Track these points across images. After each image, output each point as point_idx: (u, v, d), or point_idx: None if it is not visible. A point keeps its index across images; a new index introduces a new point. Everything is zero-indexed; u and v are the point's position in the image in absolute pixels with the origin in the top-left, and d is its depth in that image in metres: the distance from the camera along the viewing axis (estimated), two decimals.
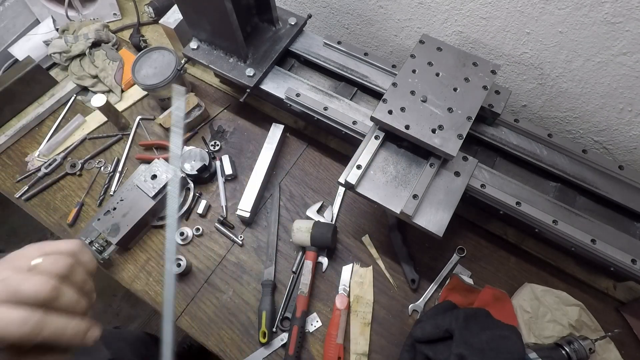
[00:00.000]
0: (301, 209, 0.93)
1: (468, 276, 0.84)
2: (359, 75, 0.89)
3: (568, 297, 0.77)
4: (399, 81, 0.75)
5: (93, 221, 0.86)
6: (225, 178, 0.96)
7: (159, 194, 0.88)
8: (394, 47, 1.05)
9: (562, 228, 0.72)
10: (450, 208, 0.71)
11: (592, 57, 0.76)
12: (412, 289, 0.84)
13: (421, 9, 0.89)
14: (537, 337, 0.73)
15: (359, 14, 1.02)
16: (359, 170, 0.73)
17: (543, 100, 0.91)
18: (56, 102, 1.08)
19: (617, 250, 0.70)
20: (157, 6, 1.15)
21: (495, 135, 0.82)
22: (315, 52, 0.93)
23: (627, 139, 0.85)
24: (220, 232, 0.92)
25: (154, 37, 1.18)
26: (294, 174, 0.97)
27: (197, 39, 0.94)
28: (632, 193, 0.75)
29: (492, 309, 0.72)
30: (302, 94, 0.87)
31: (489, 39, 0.86)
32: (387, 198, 0.72)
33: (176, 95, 0.58)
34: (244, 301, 0.85)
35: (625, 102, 0.79)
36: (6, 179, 1.00)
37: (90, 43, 1.08)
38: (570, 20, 0.72)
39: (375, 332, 0.81)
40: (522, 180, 0.80)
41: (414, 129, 0.70)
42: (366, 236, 0.89)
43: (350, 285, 0.84)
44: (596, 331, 0.76)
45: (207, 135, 1.02)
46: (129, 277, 0.88)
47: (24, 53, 1.11)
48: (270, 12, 0.90)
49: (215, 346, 0.81)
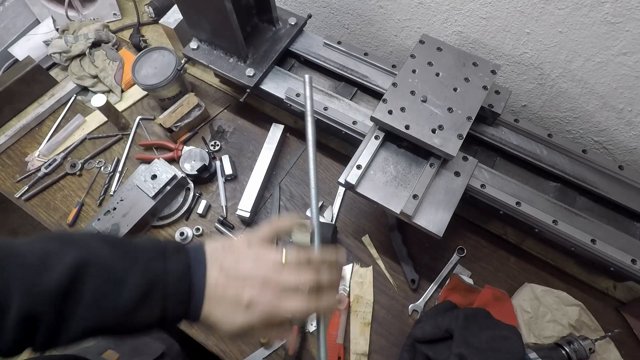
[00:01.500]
0: (301, 209, 0.93)
1: (468, 276, 0.84)
2: (359, 75, 0.89)
3: (568, 297, 0.77)
4: (399, 81, 0.75)
5: (93, 221, 0.86)
6: (225, 178, 0.96)
7: (159, 194, 0.88)
8: (394, 47, 1.05)
9: (562, 228, 0.72)
10: (450, 208, 0.71)
11: (592, 57, 0.76)
12: (412, 289, 0.84)
13: (421, 9, 0.89)
14: (537, 337, 0.73)
15: (359, 14, 1.02)
16: (359, 170, 0.73)
17: (543, 100, 0.91)
18: (56, 102, 1.08)
19: (617, 250, 0.70)
20: (157, 6, 1.15)
21: (495, 135, 0.82)
22: (315, 52, 0.93)
23: (627, 139, 0.85)
24: (221, 232, 0.92)
25: (154, 37, 1.18)
26: (294, 174, 0.97)
27: (197, 39, 0.94)
28: (632, 193, 0.75)
29: (492, 309, 0.72)
30: (302, 94, 0.87)
31: (489, 39, 0.86)
32: (387, 198, 0.72)
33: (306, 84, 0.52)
34: None
35: (625, 102, 0.79)
36: (6, 179, 1.00)
37: (90, 43, 1.08)
38: (570, 20, 0.72)
39: (375, 332, 0.81)
40: (522, 180, 0.80)
41: (414, 129, 0.70)
42: (366, 236, 0.89)
43: (350, 285, 0.84)
44: (596, 331, 0.76)
45: (207, 135, 1.02)
46: None
47: (24, 53, 1.11)
48: (270, 12, 0.90)
49: (215, 346, 0.81)
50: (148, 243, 0.42)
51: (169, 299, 0.39)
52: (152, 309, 0.38)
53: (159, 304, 0.39)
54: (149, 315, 0.38)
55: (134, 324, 0.39)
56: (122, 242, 0.42)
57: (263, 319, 0.40)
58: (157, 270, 0.39)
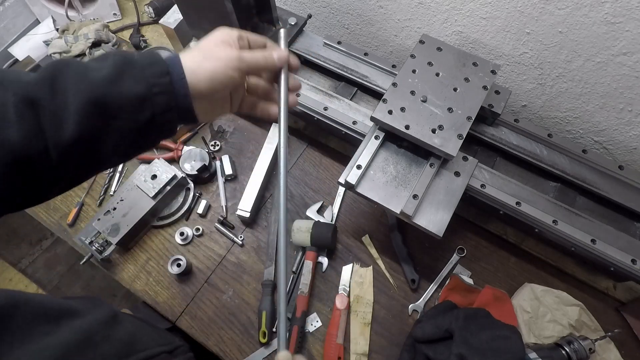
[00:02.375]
0: (301, 209, 0.93)
1: (468, 276, 0.84)
2: (359, 75, 0.89)
3: (568, 297, 0.77)
4: (399, 81, 0.75)
5: (93, 221, 0.86)
6: (225, 178, 0.96)
7: (159, 194, 0.88)
8: (394, 47, 1.05)
9: (562, 228, 0.72)
10: (450, 208, 0.71)
11: (592, 57, 0.76)
12: (412, 289, 0.84)
13: (421, 9, 0.89)
14: (537, 337, 0.73)
15: (359, 14, 1.02)
16: (359, 170, 0.73)
17: (543, 100, 0.91)
18: None
19: (617, 250, 0.70)
20: (157, 6, 1.15)
21: (495, 135, 0.82)
22: (315, 52, 0.93)
23: (627, 139, 0.85)
24: (221, 232, 0.92)
25: (154, 37, 1.17)
26: (294, 174, 0.97)
27: (197, 39, 0.94)
28: (632, 193, 0.75)
29: (492, 309, 0.72)
30: (302, 94, 0.87)
31: (489, 39, 0.86)
32: (387, 198, 0.72)
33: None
34: (244, 301, 0.85)
35: (625, 102, 0.79)
36: None
37: (90, 43, 1.08)
38: (570, 21, 0.72)
39: (375, 332, 0.81)
40: (522, 180, 0.80)
41: (414, 129, 0.70)
42: (366, 236, 0.89)
43: (350, 285, 0.84)
44: (596, 331, 0.76)
45: (207, 135, 1.02)
46: (129, 277, 0.88)
47: (24, 53, 1.11)
48: (270, 12, 0.90)
49: (215, 346, 0.81)
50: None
51: (146, 69, 0.41)
52: (133, 77, 0.41)
53: (137, 72, 0.41)
54: (134, 84, 0.40)
55: (126, 93, 0.40)
56: None
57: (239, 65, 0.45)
58: (127, 56, 0.42)
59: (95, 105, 0.39)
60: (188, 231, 0.90)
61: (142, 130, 0.42)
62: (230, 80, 0.45)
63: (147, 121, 0.42)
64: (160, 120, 0.43)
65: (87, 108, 0.39)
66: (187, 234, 0.90)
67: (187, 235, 0.90)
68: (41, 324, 0.35)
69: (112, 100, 0.40)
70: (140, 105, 0.41)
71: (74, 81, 0.39)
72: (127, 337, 0.40)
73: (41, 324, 0.35)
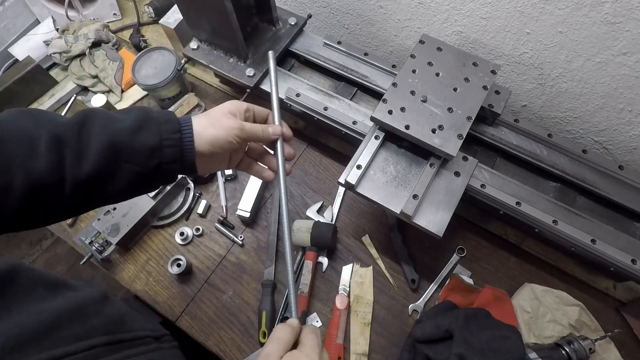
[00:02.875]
0: (301, 209, 0.93)
1: (468, 276, 0.84)
2: (359, 75, 0.89)
3: (568, 297, 0.77)
4: (399, 81, 0.75)
5: (93, 221, 0.86)
6: (225, 178, 0.96)
7: (159, 194, 0.88)
8: (394, 47, 1.05)
9: (562, 228, 0.72)
10: (450, 208, 0.71)
11: (592, 57, 0.76)
12: (412, 289, 0.84)
13: (421, 9, 0.89)
14: (537, 337, 0.73)
15: (359, 14, 1.02)
16: (359, 170, 0.73)
17: (543, 100, 0.91)
18: (56, 102, 1.08)
19: (617, 250, 0.70)
20: (157, 6, 1.15)
21: (495, 135, 0.82)
22: (315, 52, 0.93)
23: (627, 139, 0.85)
24: (221, 232, 0.92)
25: (154, 37, 1.18)
26: (293, 174, 0.97)
27: (197, 39, 0.94)
28: (632, 193, 0.75)
29: (492, 309, 0.72)
30: (302, 94, 0.87)
31: (489, 39, 0.86)
32: (387, 198, 0.72)
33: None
34: (244, 301, 0.85)
35: (625, 102, 0.79)
36: None
37: (90, 43, 1.08)
38: (570, 21, 0.72)
39: (375, 332, 0.81)
40: (522, 180, 0.80)
41: (414, 129, 0.70)
42: (366, 236, 0.89)
43: (350, 285, 0.84)
44: (596, 331, 0.76)
45: None
46: (129, 277, 0.88)
47: (24, 53, 1.11)
48: (270, 12, 0.90)
49: (215, 346, 0.81)
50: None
51: (162, 125, 0.49)
52: (150, 131, 0.48)
53: (154, 127, 0.49)
54: (150, 136, 0.48)
55: (141, 142, 0.48)
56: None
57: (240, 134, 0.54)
58: (148, 113, 0.50)
59: (114, 149, 0.46)
60: (188, 231, 0.90)
61: (149, 175, 0.49)
62: (229, 145, 0.53)
63: (154, 168, 0.49)
64: (165, 168, 0.50)
65: (106, 151, 0.46)
66: (187, 234, 0.90)
67: (187, 235, 0.90)
68: (38, 290, 0.37)
69: (129, 146, 0.47)
70: (151, 154, 0.48)
71: (100, 128, 0.47)
72: (116, 316, 0.42)
73: (38, 290, 0.37)
